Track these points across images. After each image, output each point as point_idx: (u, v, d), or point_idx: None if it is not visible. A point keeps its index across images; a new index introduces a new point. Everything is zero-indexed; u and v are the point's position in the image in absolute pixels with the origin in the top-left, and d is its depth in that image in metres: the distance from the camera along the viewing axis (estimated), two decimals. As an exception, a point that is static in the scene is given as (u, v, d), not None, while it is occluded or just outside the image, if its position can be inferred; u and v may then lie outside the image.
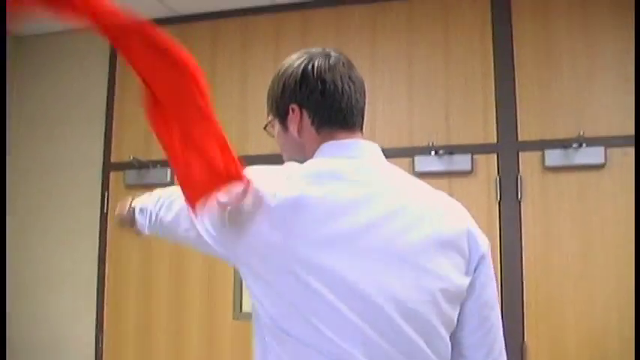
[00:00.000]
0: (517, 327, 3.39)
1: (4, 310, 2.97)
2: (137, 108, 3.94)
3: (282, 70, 1.66)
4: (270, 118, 1.69)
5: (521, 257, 3.44)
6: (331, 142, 1.61)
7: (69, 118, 4.22)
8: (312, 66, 1.65)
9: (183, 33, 4.07)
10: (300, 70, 1.63)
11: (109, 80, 4.18)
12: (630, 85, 3.42)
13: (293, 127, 1.62)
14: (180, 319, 3.85)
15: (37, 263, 4.14)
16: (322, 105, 1.62)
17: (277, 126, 1.67)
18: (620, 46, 3.49)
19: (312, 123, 1.62)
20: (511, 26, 3.64)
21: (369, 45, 3.82)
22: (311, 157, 1.60)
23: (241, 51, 4.00)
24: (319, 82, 1.62)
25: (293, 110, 1.62)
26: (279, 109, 1.64)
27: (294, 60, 1.67)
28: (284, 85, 1.63)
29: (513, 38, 3.62)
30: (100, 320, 3.99)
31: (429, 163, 3.58)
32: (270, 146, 3.68)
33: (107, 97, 4.17)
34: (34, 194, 4.22)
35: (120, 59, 4.15)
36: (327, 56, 1.65)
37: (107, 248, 4.04)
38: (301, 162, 1.58)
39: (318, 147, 1.61)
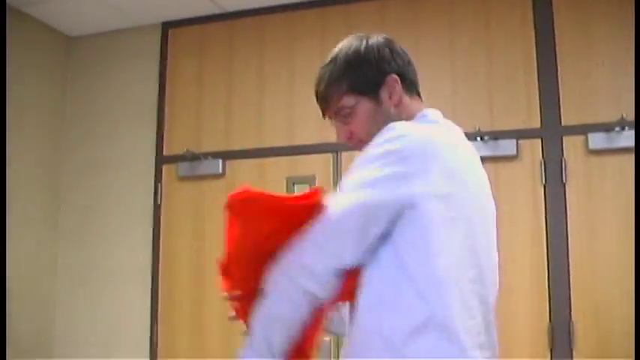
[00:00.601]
0: (564, 307, 3.46)
1: (4, 310, 3.02)
2: (187, 102, 4.13)
3: (355, 50, 1.74)
4: (346, 102, 1.73)
5: (567, 239, 3.52)
6: (428, 110, 1.78)
7: (122, 115, 4.38)
8: (390, 40, 1.78)
9: (231, 29, 4.23)
10: (384, 43, 1.76)
11: (160, 76, 4.32)
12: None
13: (393, 97, 1.73)
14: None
15: (95, 256, 4.27)
16: (410, 73, 1.76)
17: (365, 104, 1.72)
18: (658, 32, 3.58)
19: (405, 90, 1.74)
20: (552, 15, 3.73)
21: (412, 37, 3.92)
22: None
23: (288, 45, 4.12)
24: (404, 53, 1.76)
25: (394, 80, 1.73)
26: (369, 83, 1.72)
27: (361, 40, 1.77)
28: (376, 56, 1.73)
29: (554, 27, 3.71)
30: (155, 310, 4.10)
31: (475, 148, 3.67)
32: (316, 137, 3.85)
33: (158, 92, 4.30)
34: (90, 191, 4.36)
35: (170, 57, 4.32)
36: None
37: (161, 238, 4.16)
38: (374, 134, 1.65)
39: (410, 113, 1.74)
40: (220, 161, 4.06)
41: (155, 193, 4.20)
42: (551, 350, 3.45)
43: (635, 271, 3.23)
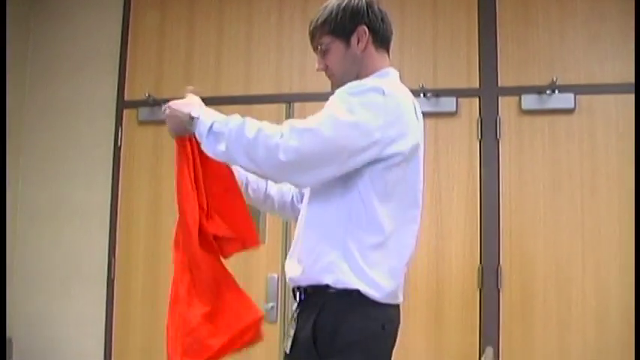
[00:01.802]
0: (494, 252, 3.81)
1: (4, 309, 3.13)
2: (149, 50, 4.31)
3: (339, 2, 2.11)
4: (324, 40, 2.12)
5: (499, 190, 3.85)
6: (390, 69, 2.18)
7: (84, 60, 4.52)
8: (371, 0, 2.16)
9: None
10: (365, 1, 2.13)
11: (122, 24, 4.48)
12: (597, 39, 3.86)
13: (360, 44, 2.10)
14: (188, 244, 4.20)
15: (55, 195, 4.44)
16: (383, 30, 2.13)
17: (338, 45, 2.10)
18: (589, 6, 3.90)
19: (374, 42, 2.11)
20: (494, -16, 4.04)
21: None
22: (366, 69, 2.11)
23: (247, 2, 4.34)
24: (381, 12, 2.13)
25: (363, 30, 2.10)
26: (345, 29, 2.09)
27: None
28: (352, 9, 2.09)
29: (496, -5, 4.02)
30: (112, 246, 4.31)
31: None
32: (271, 88, 4.08)
33: (121, 40, 4.46)
34: (51, 132, 4.51)
35: (133, 6, 4.48)
36: None
37: (120, 179, 4.36)
38: (354, 74, 2.09)
39: (376, 63, 2.14)
40: (180, 108, 4.26)
41: (115, 136, 4.39)
42: (480, 290, 3.80)
43: (635, 270, 3.55)
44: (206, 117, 2.00)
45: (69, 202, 4.42)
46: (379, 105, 1.92)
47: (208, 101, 4.16)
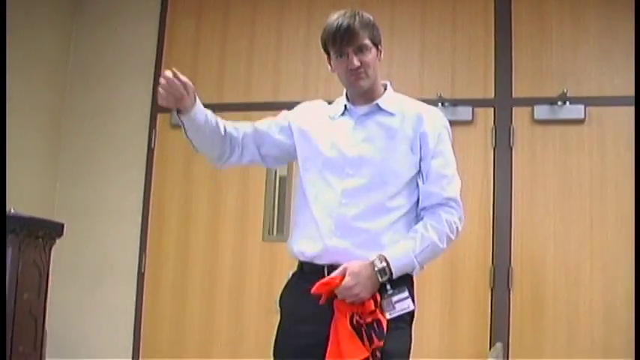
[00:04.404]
0: (505, 254, 4.01)
1: (4, 309, 3.13)
2: (183, 58, 4.56)
3: (368, 16, 2.31)
4: (367, 41, 2.26)
5: (511, 195, 4.06)
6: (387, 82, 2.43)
7: (122, 67, 4.79)
8: None
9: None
10: None
11: (158, 34, 4.76)
12: (608, 54, 4.07)
13: (380, 56, 2.33)
14: (215, 241, 4.44)
15: (90, 193, 4.69)
16: None
17: (373, 50, 2.28)
18: (601, 22, 4.13)
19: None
20: (510, 2, 4.26)
21: (388, 14, 4.41)
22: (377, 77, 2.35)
23: (277, 13, 4.57)
24: None
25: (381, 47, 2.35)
26: (379, 40, 2.32)
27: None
28: (377, 28, 2.33)
29: (512, 11, 4.25)
30: (144, 242, 4.56)
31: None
32: (299, 94, 4.32)
33: (157, 49, 4.74)
34: (90, 135, 4.77)
35: (169, 18, 4.76)
36: None
37: (152, 180, 4.61)
38: (377, 79, 2.32)
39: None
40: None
41: (149, 139, 4.65)
42: (491, 289, 4.00)
43: (635, 270, 3.74)
44: (405, 268, 2.19)
45: (104, 201, 4.66)
46: None
47: (239, 106, 4.48)
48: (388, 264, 2.10)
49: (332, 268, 2.15)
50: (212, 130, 2.35)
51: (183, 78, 2.17)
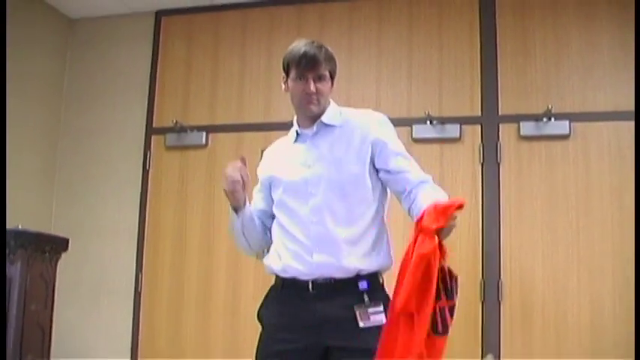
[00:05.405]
0: (495, 267, 4.09)
1: (4, 310, 3.30)
2: (176, 81, 4.65)
3: (331, 52, 2.52)
4: (326, 72, 2.46)
5: (499, 209, 4.15)
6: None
7: (116, 90, 4.91)
8: None
9: (218, 20, 4.82)
10: None
11: (152, 57, 4.86)
12: (590, 70, 4.18)
13: (332, 87, 2.53)
14: (210, 259, 4.52)
15: (86, 214, 4.78)
16: None
17: (329, 82, 2.49)
18: (583, 39, 4.23)
19: None
20: (495, 20, 4.37)
21: (375, 34, 4.54)
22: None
23: (267, 36, 4.72)
24: None
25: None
26: (334, 74, 2.51)
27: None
28: (336, 64, 2.53)
29: (497, 30, 4.36)
30: (140, 261, 4.63)
31: (424, 131, 4.30)
32: (289, 115, 4.39)
33: (150, 72, 4.84)
34: (85, 157, 4.87)
35: (162, 41, 4.86)
36: None
37: (147, 201, 4.70)
38: (323, 107, 2.49)
39: None
40: (204, 134, 4.63)
41: (144, 160, 4.74)
42: (482, 302, 4.08)
43: (635, 270, 3.82)
44: None
45: (100, 221, 4.75)
46: None
47: (231, 128, 4.57)
48: None
49: (316, 282, 2.35)
50: (256, 223, 2.57)
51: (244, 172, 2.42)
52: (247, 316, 4.30)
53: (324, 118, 2.48)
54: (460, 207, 2.09)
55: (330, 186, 2.39)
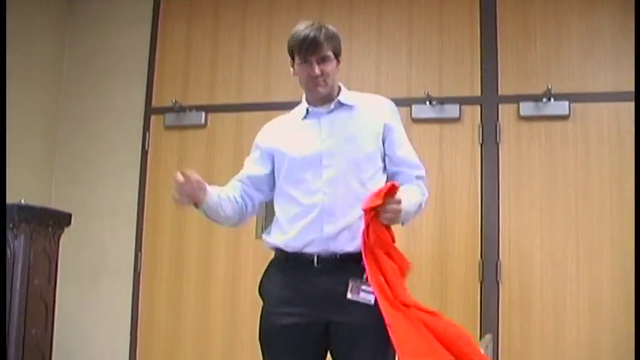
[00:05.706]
0: (493, 248, 4.10)
1: (4, 310, 3.30)
2: (175, 61, 4.64)
3: (333, 29, 2.52)
4: (330, 53, 2.48)
5: (498, 190, 4.15)
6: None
7: (115, 71, 4.89)
8: None
9: (216, 1, 4.78)
10: None
11: (151, 38, 4.85)
12: (590, 51, 4.17)
13: (339, 66, 2.56)
14: (210, 239, 4.52)
15: (86, 194, 4.78)
16: None
17: (334, 61, 2.51)
18: (584, 20, 4.22)
19: None
20: (495, 3, 4.35)
21: (375, 15, 4.52)
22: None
23: (267, 16, 4.70)
24: None
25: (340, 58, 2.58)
26: (339, 52, 2.54)
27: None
28: (340, 41, 2.55)
29: (497, 11, 4.34)
30: (139, 242, 4.65)
31: (424, 111, 4.30)
32: (289, 95, 4.37)
33: (149, 52, 4.83)
34: (85, 137, 4.87)
35: (161, 21, 4.85)
36: None
37: (147, 181, 4.70)
38: (331, 87, 2.53)
39: None
40: (203, 113, 4.63)
41: (143, 140, 4.74)
42: (481, 282, 4.09)
43: (635, 252, 3.81)
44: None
45: (99, 201, 4.75)
46: None
47: (231, 108, 4.57)
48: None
49: (320, 256, 2.39)
50: (225, 205, 2.54)
51: (194, 177, 2.38)
52: (247, 294, 4.33)
53: (342, 98, 2.55)
54: (392, 189, 2.24)
55: (346, 160, 2.45)
